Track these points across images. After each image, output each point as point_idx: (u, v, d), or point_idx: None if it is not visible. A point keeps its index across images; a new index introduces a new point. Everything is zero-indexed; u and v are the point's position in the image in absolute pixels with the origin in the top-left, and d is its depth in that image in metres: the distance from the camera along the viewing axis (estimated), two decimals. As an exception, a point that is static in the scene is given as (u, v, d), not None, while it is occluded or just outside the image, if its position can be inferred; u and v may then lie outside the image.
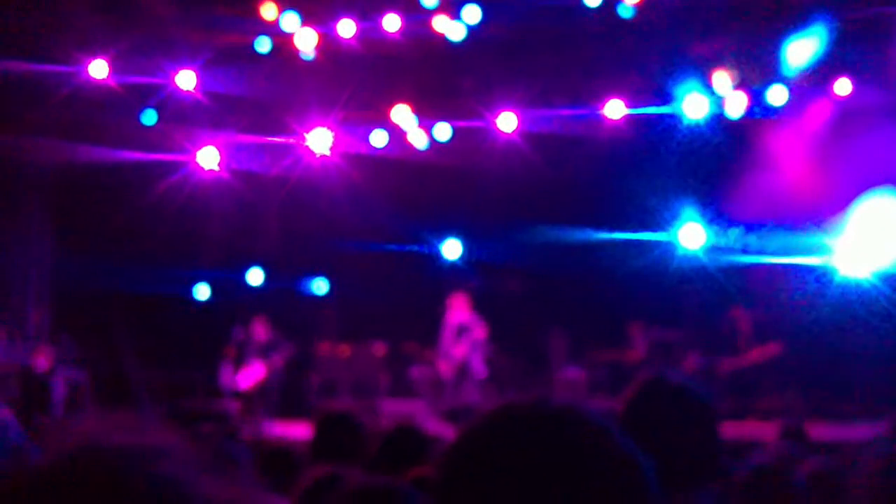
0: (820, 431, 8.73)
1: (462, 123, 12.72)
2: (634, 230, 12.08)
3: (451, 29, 12.27)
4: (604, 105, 12.35)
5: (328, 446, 4.76)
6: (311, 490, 3.39)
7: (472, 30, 12.24)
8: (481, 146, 12.58)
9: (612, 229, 12.18)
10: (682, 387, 2.56)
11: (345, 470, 3.60)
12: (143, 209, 12.18)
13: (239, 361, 11.75)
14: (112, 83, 12.12)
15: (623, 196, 11.71)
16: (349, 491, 2.88)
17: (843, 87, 11.91)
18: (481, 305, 12.12)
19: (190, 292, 13.41)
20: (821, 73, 11.76)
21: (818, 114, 12.13)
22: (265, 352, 11.84)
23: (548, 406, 1.29)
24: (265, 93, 12.69)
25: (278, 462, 4.78)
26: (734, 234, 11.91)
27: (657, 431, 2.44)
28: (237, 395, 11.63)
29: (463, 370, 11.87)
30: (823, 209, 11.40)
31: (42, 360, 11.32)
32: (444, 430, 8.33)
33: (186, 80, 12.50)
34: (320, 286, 13.82)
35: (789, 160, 12.06)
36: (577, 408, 1.30)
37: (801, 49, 11.66)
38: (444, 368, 12.04)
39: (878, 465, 2.91)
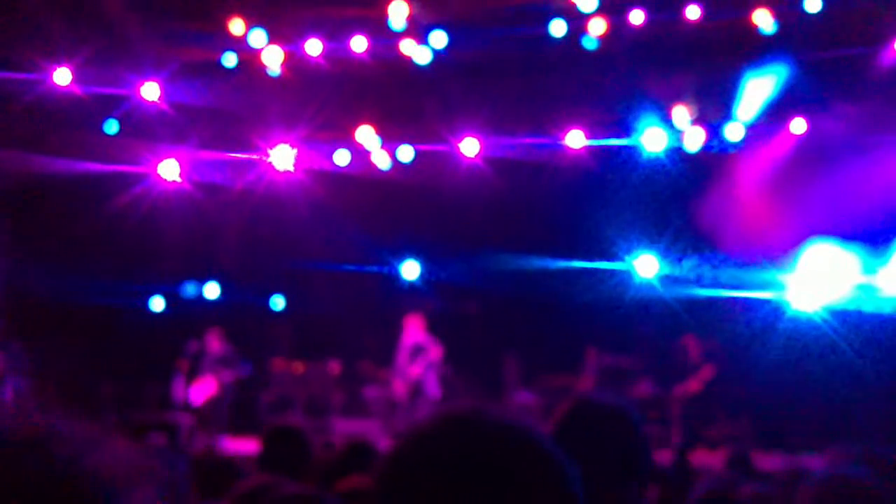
0: (766, 461, 8.87)
1: (425, 146, 12.81)
2: (591, 258, 12.21)
3: (418, 53, 12.37)
4: (565, 134, 12.48)
5: (275, 460, 4.78)
6: (244, 497, 3.41)
7: (438, 54, 12.35)
8: (444, 169, 12.67)
9: (569, 256, 12.30)
10: (610, 407, 2.62)
11: (278, 480, 3.63)
12: (103, 220, 12.11)
13: (192, 375, 11.69)
14: (76, 91, 12.06)
15: (581, 224, 11.87)
16: (272, 500, 2.92)
17: (798, 126, 12.16)
18: (438, 327, 12.17)
19: (146, 304, 13.33)
20: (778, 111, 12.01)
21: (774, 151, 12.37)
22: (219, 366, 11.78)
23: (481, 415, 1.33)
24: (230, 107, 12.71)
25: (225, 476, 4.77)
26: (688, 265, 12.09)
27: (583, 451, 2.50)
28: (189, 408, 11.56)
29: (417, 390, 11.90)
30: (776, 244, 11.61)
31: (-9, 367, 11.19)
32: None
33: (150, 91, 12.48)
34: (277, 302, 13.80)
35: (744, 195, 12.27)
36: (509, 417, 1.33)
37: (759, 87, 11.91)
38: (399, 389, 12.06)
39: (818, 490, 3.02)
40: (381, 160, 13.08)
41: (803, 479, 3.46)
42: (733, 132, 12.18)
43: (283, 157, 12.73)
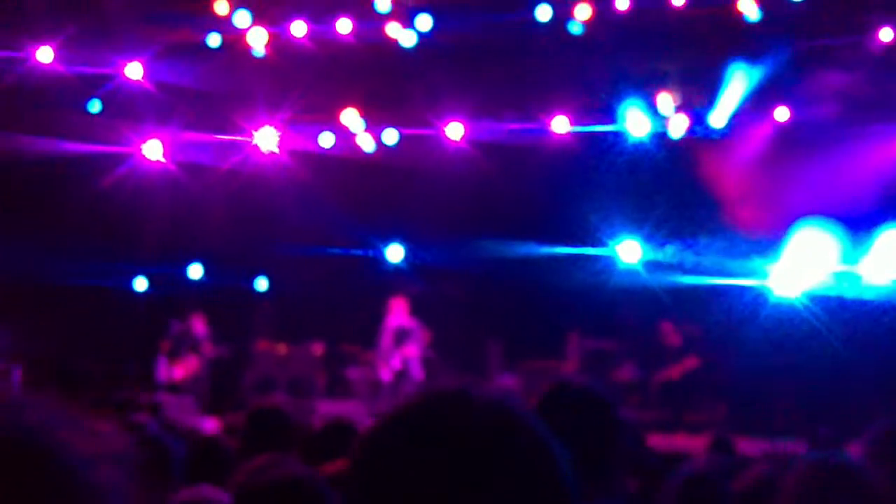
0: (745, 446, 8.93)
1: (410, 130, 12.81)
2: (575, 243, 12.25)
3: (403, 36, 12.36)
4: (550, 119, 12.50)
5: (259, 440, 4.78)
6: (252, 475, 3.41)
7: (423, 38, 12.34)
8: (428, 152, 12.68)
9: (553, 241, 12.34)
10: (588, 391, 2.62)
11: (281, 459, 3.63)
12: (87, 200, 12.05)
13: (174, 355, 11.69)
14: (59, 70, 11.99)
15: (565, 209, 11.90)
16: (261, 482, 2.94)
17: (782, 113, 12.22)
18: (421, 310, 12.20)
19: (129, 284, 13.30)
20: (761, 98, 12.06)
21: (757, 138, 12.43)
22: (201, 346, 11.80)
23: (466, 394, 1.30)
24: (214, 88, 12.65)
25: (208, 454, 4.78)
26: (671, 250, 12.15)
27: (561, 434, 2.50)
28: (171, 387, 11.57)
29: (402, 373, 11.93)
30: (759, 231, 11.68)
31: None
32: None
33: (134, 71, 12.41)
34: (260, 283, 13.79)
35: (728, 181, 12.33)
36: (496, 396, 1.32)
37: (743, 74, 11.96)
38: (383, 371, 12.09)
39: (806, 472, 3.05)
40: (366, 143, 13.07)
41: (788, 464, 3.49)
42: (717, 119, 12.23)
43: (267, 138, 12.71)
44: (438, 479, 1.22)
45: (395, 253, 13.23)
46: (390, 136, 12.96)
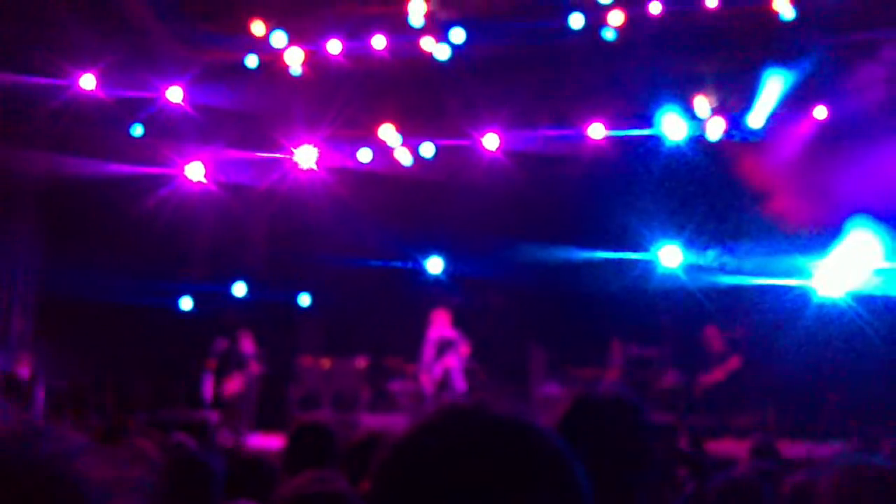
0: (793, 449, 8.86)
1: (447, 142, 12.87)
2: (615, 248, 12.23)
3: (437, 49, 12.43)
4: (586, 126, 12.49)
5: (301, 456, 4.81)
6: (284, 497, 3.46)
7: (457, 50, 12.40)
8: (466, 164, 12.73)
9: (592, 247, 12.32)
10: (611, 401, 2.62)
11: (323, 476, 3.67)
12: (131, 221, 12.26)
13: (221, 373, 11.81)
14: (101, 96, 12.22)
15: (604, 215, 11.88)
16: (294, 498, 2.98)
17: (820, 112, 12.11)
18: (463, 321, 12.23)
19: (175, 303, 13.48)
20: (799, 97, 11.96)
21: (795, 138, 12.32)
22: (246, 363, 11.91)
23: (482, 409, 1.32)
24: (253, 108, 12.82)
25: (254, 472, 4.83)
26: (712, 253, 12.07)
27: (587, 447, 2.51)
28: (218, 405, 11.68)
29: (444, 384, 11.96)
30: (799, 231, 11.58)
31: (24, 368, 11.37)
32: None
33: (175, 94, 12.62)
34: (303, 299, 13.91)
35: (766, 182, 12.23)
36: (512, 411, 1.33)
37: (780, 74, 11.86)
38: (426, 383, 12.14)
39: (840, 477, 3.03)
40: (404, 157, 13.16)
41: (825, 468, 3.46)
42: (755, 120, 12.15)
43: (306, 155, 12.85)
44: (452, 497, 1.23)
45: (435, 265, 13.29)
46: (427, 150, 13.04)
